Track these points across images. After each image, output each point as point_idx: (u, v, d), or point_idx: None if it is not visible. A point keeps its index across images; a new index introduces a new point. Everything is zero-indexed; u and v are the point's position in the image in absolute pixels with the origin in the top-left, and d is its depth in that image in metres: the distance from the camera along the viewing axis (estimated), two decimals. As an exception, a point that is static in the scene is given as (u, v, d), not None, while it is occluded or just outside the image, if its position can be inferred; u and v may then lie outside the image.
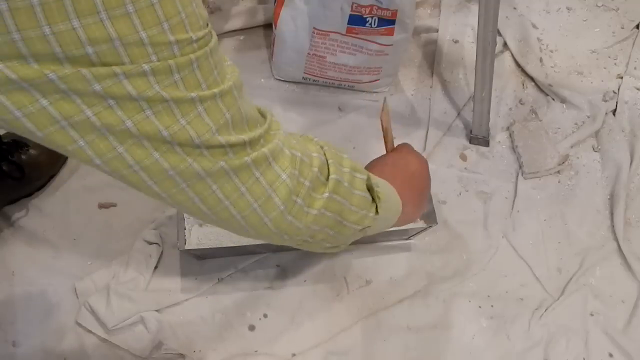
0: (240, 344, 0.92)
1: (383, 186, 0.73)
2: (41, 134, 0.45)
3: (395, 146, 0.89)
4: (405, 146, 0.87)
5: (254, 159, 0.55)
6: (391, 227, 0.80)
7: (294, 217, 0.60)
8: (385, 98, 0.88)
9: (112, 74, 0.43)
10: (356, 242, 1.01)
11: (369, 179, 0.69)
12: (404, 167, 0.82)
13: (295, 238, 0.64)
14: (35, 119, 0.43)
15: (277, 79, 1.18)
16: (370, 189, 0.70)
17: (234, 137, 0.53)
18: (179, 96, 0.47)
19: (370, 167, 0.84)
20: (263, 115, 0.61)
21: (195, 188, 0.53)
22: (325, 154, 0.65)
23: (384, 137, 0.88)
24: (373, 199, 0.70)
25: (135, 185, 0.52)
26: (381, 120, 0.87)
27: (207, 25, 0.51)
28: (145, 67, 0.44)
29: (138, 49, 0.44)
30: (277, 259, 0.99)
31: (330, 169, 0.64)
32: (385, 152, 0.88)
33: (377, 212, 0.71)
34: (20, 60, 0.40)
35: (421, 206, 0.85)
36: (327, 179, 0.63)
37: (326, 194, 0.62)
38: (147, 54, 0.44)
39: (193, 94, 0.48)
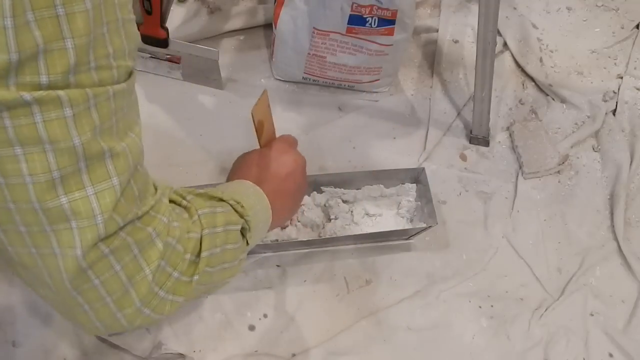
0: (240, 344, 0.92)
1: (254, 204, 0.69)
2: None
3: (276, 138, 0.84)
4: (282, 142, 0.83)
5: (114, 249, 0.48)
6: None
7: (152, 310, 0.55)
8: (265, 90, 0.83)
9: None
10: (356, 243, 1.01)
11: (243, 222, 0.66)
12: (276, 169, 0.79)
13: (154, 324, 0.60)
14: None
15: (277, 79, 1.18)
16: (243, 229, 0.67)
17: (107, 214, 0.46)
18: (59, 138, 0.41)
19: (240, 166, 0.79)
20: (154, 189, 0.55)
21: (44, 261, 0.47)
22: (201, 225, 0.60)
23: (257, 131, 0.82)
24: (243, 235, 0.68)
25: None
26: (252, 115, 0.80)
27: (125, 59, 0.45)
28: (27, 96, 0.38)
29: (31, 65, 0.38)
30: (277, 259, 0.99)
31: (203, 245, 0.59)
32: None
33: (247, 244, 0.69)
34: None
35: (292, 210, 0.83)
36: (199, 255, 0.59)
37: (196, 276, 0.58)
38: (39, 73, 0.39)
39: (76, 140, 0.42)
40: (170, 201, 0.61)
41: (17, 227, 0.44)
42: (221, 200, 0.66)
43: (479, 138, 1.16)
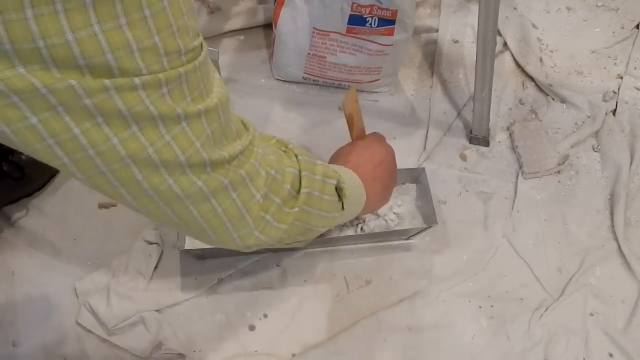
0: (240, 344, 0.92)
1: (349, 180, 0.75)
2: (27, 149, 0.44)
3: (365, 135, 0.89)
4: (373, 135, 0.88)
5: (231, 180, 0.56)
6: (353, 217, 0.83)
7: (261, 232, 0.63)
8: (353, 88, 0.87)
9: (102, 88, 0.42)
10: (355, 243, 1.01)
11: (338, 181, 0.72)
12: (369, 157, 0.83)
13: (262, 246, 0.66)
14: (22, 136, 0.43)
15: (277, 79, 1.19)
16: (338, 189, 0.73)
17: (215, 154, 0.53)
18: (166, 111, 0.47)
19: (337, 156, 0.85)
20: (246, 127, 0.62)
21: (172, 207, 0.54)
22: (299, 165, 0.68)
23: (348, 124, 0.88)
24: (340, 197, 0.73)
25: (111, 196, 0.52)
26: (343, 108, 0.86)
27: (198, 36, 0.50)
28: (137, 80, 0.44)
29: (130, 62, 0.43)
30: (277, 259, 0.99)
31: (302, 182, 0.66)
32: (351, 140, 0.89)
33: (343, 208, 0.74)
34: (8, 65, 0.39)
35: (385, 196, 0.87)
36: (299, 192, 0.66)
37: (296, 209, 0.65)
38: (139, 67, 0.43)
39: (179, 109, 0.48)
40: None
41: (147, 192, 0.51)
42: (324, 165, 0.73)
43: (479, 138, 1.16)
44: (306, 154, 0.71)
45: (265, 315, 0.95)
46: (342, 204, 0.74)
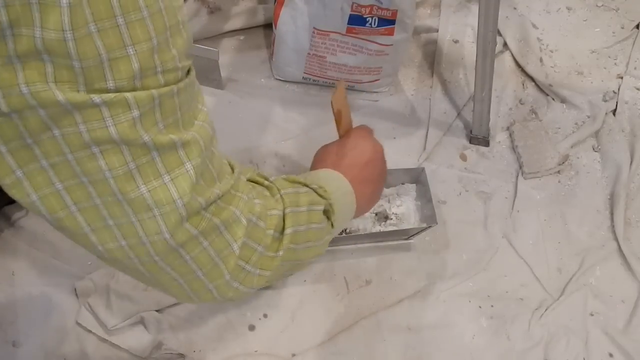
0: (240, 344, 0.92)
1: (338, 189, 0.71)
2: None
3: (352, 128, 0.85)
4: (359, 130, 0.84)
5: (202, 230, 0.52)
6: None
7: (241, 283, 0.59)
8: (340, 80, 0.84)
9: (56, 103, 0.40)
10: (355, 243, 1.01)
11: (327, 203, 0.68)
12: (357, 157, 0.79)
13: (245, 297, 0.62)
14: None
15: (277, 79, 1.18)
16: (326, 210, 0.69)
17: (187, 197, 0.49)
18: (129, 137, 0.44)
19: (321, 157, 0.81)
20: (232, 168, 0.58)
21: (136, 252, 0.50)
22: (283, 203, 0.63)
23: (336, 121, 0.84)
24: (328, 218, 0.70)
25: (71, 231, 0.48)
26: (331, 104, 0.81)
27: (186, 59, 0.47)
28: (96, 99, 0.41)
29: (97, 72, 0.41)
30: (277, 259, 0.99)
31: (286, 222, 0.62)
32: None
33: (332, 226, 0.70)
34: None
35: (374, 198, 0.83)
36: (283, 232, 0.62)
37: (281, 252, 0.61)
38: (105, 79, 0.41)
39: (145, 137, 0.44)
40: (253, 181, 0.65)
41: (106, 222, 0.47)
42: (304, 184, 0.69)
43: (479, 138, 1.16)
44: (289, 185, 0.67)
45: (265, 315, 0.95)
46: (332, 222, 0.70)
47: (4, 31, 0.38)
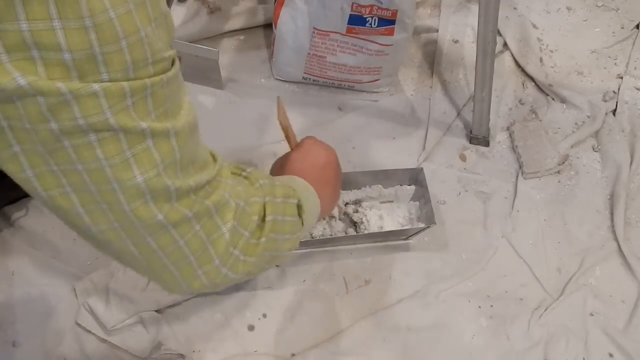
0: (240, 344, 0.92)
1: (304, 192, 0.73)
2: None
3: (298, 141, 0.87)
4: (308, 139, 0.86)
5: (195, 212, 0.53)
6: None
7: (229, 269, 0.59)
8: (278, 97, 0.86)
9: (57, 91, 0.40)
10: (354, 243, 1.01)
11: (299, 199, 0.70)
12: (313, 161, 0.81)
13: (230, 284, 0.62)
14: None
15: (277, 79, 1.19)
16: (298, 206, 0.70)
17: (179, 181, 0.50)
18: (128, 125, 0.44)
19: (279, 168, 0.83)
20: (214, 158, 0.59)
21: (129, 233, 0.51)
22: (263, 191, 0.64)
23: (285, 135, 0.86)
24: (299, 215, 0.71)
25: (63, 210, 0.49)
26: (279, 121, 0.84)
27: (170, 49, 0.48)
28: (95, 87, 0.41)
29: (89, 65, 0.41)
30: (277, 259, 0.99)
31: (267, 210, 0.63)
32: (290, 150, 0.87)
33: (302, 224, 0.71)
34: None
35: (335, 198, 0.85)
36: (264, 220, 0.63)
37: (263, 239, 0.62)
38: (99, 71, 0.41)
39: (143, 124, 0.45)
40: (231, 172, 0.66)
41: (100, 205, 0.48)
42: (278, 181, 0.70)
43: (479, 138, 1.16)
44: (266, 177, 0.68)
45: (265, 315, 0.95)
46: (302, 220, 0.71)
47: None
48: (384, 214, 1.02)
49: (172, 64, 0.49)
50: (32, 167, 0.45)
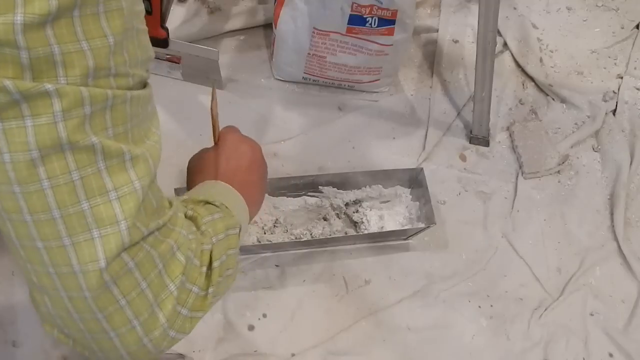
0: (240, 344, 0.92)
1: (234, 205, 0.66)
2: None
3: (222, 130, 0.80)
4: (231, 133, 0.79)
5: (138, 262, 0.45)
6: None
7: (177, 331, 0.51)
8: (213, 86, 0.79)
9: (2, 88, 0.37)
10: (355, 243, 1.01)
11: (240, 225, 0.64)
12: (239, 160, 0.74)
13: (173, 345, 0.55)
14: None
15: (277, 79, 1.18)
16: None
17: (131, 220, 0.43)
18: (77, 138, 0.39)
19: (201, 167, 0.75)
20: (169, 204, 0.52)
21: (63, 280, 0.43)
22: (210, 233, 0.57)
23: (213, 127, 0.79)
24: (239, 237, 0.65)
25: (1, 228, 0.43)
26: (211, 110, 0.77)
27: (145, 72, 0.45)
28: (48, 87, 0.37)
29: (47, 65, 0.37)
30: (277, 259, 0.99)
31: (214, 255, 0.56)
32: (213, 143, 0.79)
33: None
34: None
35: (261, 199, 0.78)
36: (210, 267, 0.55)
37: (211, 289, 0.55)
38: (56, 73, 0.38)
39: (94, 139, 0.40)
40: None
41: (34, 242, 0.42)
42: (211, 203, 0.63)
43: (479, 138, 1.16)
44: (206, 212, 0.60)
45: (265, 315, 0.95)
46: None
47: None
48: (384, 214, 1.02)
49: (145, 86, 0.46)
50: None
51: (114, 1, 0.40)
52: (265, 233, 0.97)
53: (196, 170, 0.76)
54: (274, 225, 0.98)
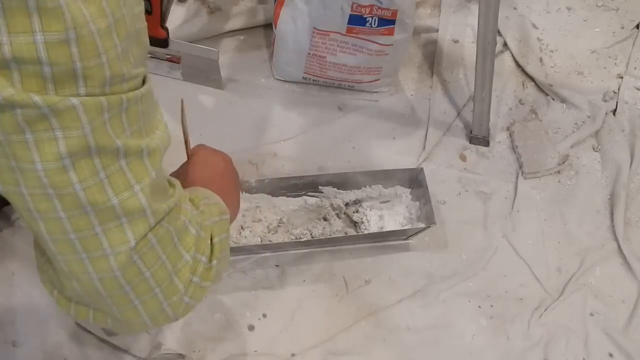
0: (240, 344, 0.92)
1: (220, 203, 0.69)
2: None
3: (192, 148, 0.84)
4: (202, 147, 0.84)
5: (159, 238, 0.51)
6: None
7: (190, 297, 0.57)
8: (182, 100, 0.83)
9: (32, 104, 0.39)
10: (355, 243, 1.01)
11: (227, 210, 0.67)
12: (214, 168, 0.80)
13: (187, 313, 0.60)
14: None
15: (277, 79, 1.19)
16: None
17: (155, 205, 0.49)
18: (104, 143, 0.43)
19: (183, 180, 0.77)
20: (171, 185, 0.57)
21: (94, 263, 0.48)
22: (209, 213, 0.62)
23: (185, 142, 0.83)
24: None
25: (30, 227, 0.47)
26: (183, 127, 0.81)
27: (143, 66, 0.47)
28: (74, 100, 0.40)
29: (68, 78, 0.40)
30: (277, 259, 0.99)
31: (214, 231, 0.61)
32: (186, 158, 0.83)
33: None
34: None
35: (237, 204, 0.82)
36: (212, 242, 0.61)
37: (215, 261, 0.60)
38: (77, 85, 0.41)
39: (118, 142, 0.44)
40: None
41: (67, 235, 0.46)
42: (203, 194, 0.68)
43: (479, 138, 1.16)
44: (201, 196, 0.66)
45: (265, 315, 0.95)
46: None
47: None
48: (384, 214, 1.02)
49: (144, 82, 0.48)
50: (3, 183, 0.43)
51: (117, 11, 0.42)
52: (269, 232, 0.97)
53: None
54: (278, 225, 0.98)
